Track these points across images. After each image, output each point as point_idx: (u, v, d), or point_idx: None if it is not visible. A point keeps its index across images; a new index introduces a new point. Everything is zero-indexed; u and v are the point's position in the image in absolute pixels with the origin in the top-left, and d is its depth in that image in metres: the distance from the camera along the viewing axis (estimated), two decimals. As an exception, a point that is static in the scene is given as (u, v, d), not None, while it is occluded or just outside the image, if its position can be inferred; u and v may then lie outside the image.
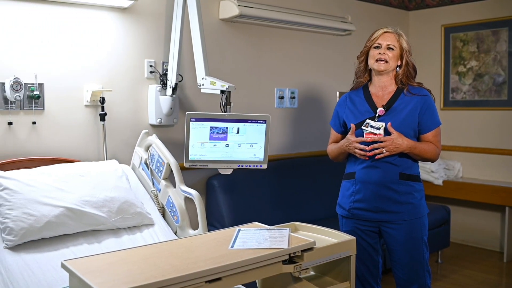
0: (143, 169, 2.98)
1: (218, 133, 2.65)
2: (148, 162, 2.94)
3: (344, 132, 2.82)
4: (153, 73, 3.39)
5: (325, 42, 4.54)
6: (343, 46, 4.69)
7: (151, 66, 3.38)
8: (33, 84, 2.87)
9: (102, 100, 3.10)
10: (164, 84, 3.37)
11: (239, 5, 3.66)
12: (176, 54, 3.25)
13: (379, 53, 2.65)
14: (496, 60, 4.82)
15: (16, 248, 2.27)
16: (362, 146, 2.62)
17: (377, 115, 2.65)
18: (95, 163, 2.81)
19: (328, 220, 3.92)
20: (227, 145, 2.66)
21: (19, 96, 2.76)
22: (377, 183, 2.64)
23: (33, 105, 2.89)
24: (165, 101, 3.34)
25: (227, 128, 2.65)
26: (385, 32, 2.69)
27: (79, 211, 2.43)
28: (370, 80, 2.79)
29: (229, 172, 2.76)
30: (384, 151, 2.57)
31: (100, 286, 1.58)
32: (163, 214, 2.82)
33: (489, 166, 2.60)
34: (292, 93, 4.30)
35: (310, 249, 1.96)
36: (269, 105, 4.16)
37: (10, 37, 2.82)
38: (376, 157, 2.59)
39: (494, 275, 4.31)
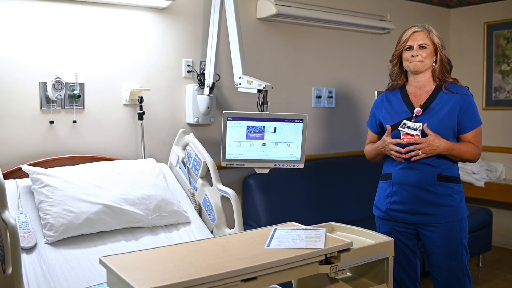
0: (180, 168, 3.01)
1: (255, 132, 2.64)
2: (185, 161, 2.95)
3: (380, 132, 2.78)
4: (191, 73, 3.41)
5: (363, 41, 4.49)
6: (381, 45, 4.62)
7: (188, 65, 3.40)
8: (73, 83, 2.93)
9: (141, 99, 3.14)
10: (201, 84, 3.39)
11: (276, 4, 3.64)
12: (213, 53, 3.26)
13: (412, 55, 2.59)
14: (541, 59, 4.68)
15: (56, 243, 2.32)
16: (397, 148, 2.58)
17: (414, 115, 2.60)
18: (133, 162, 2.84)
19: (365, 221, 3.87)
20: (263, 144, 2.66)
21: (60, 96, 2.82)
22: (415, 185, 2.59)
23: (74, 104, 2.95)
24: (203, 100, 3.36)
25: (264, 127, 2.65)
26: (414, 32, 2.63)
27: (117, 209, 2.46)
28: (406, 80, 2.73)
29: (266, 171, 2.75)
30: (420, 153, 2.51)
31: (137, 282, 1.59)
32: (200, 213, 2.84)
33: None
34: (330, 92, 4.27)
35: (347, 250, 1.93)
36: (307, 104, 4.14)
37: (52, 38, 2.88)
38: (412, 159, 2.54)
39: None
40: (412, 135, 2.54)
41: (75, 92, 2.92)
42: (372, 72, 4.58)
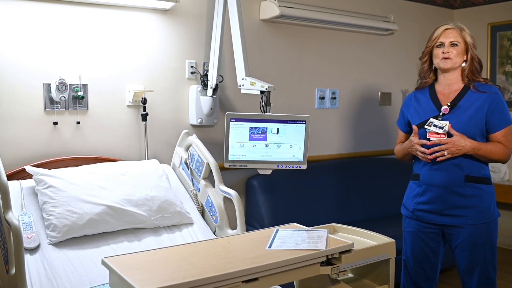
0: (183, 169, 3.02)
1: (257, 133, 2.65)
2: (188, 162, 2.96)
3: (409, 131, 2.77)
4: (194, 74, 3.42)
5: (367, 42, 4.49)
6: (385, 46, 4.62)
7: (192, 67, 3.41)
8: (77, 85, 2.94)
9: (144, 101, 3.15)
10: (204, 85, 3.40)
11: (279, 6, 3.65)
12: (216, 55, 3.27)
13: (443, 52, 2.57)
14: (546, 60, 4.66)
15: (59, 244, 2.33)
16: (422, 149, 2.57)
17: (441, 113, 2.58)
18: (136, 163, 2.86)
19: (368, 222, 3.89)
20: (266, 145, 2.67)
21: (64, 97, 2.83)
22: (442, 185, 2.57)
23: (78, 105, 2.96)
24: (206, 101, 3.37)
25: (266, 128, 2.65)
26: (446, 29, 2.61)
27: (120, 209, 2.48)
28: (436, 79, 2.71)
29: (269, 172, 2.76)
30: (445, 154, 2.50)
31: (139, 283, 1.60)
32: (202, 214, 2.85)
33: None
34: (333, 93, 4.27)
35: (348, 251, 1.93)
36: (310, 105, 4.14)
37: (55, 40, 2.89)
38: (438, 159, 2.52)
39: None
40: (438, 133, 2.52)
41: (79, 93, 2.93)
42: (375, 73, 4.58)
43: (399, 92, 4.79)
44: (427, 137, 2.56)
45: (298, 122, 2.67)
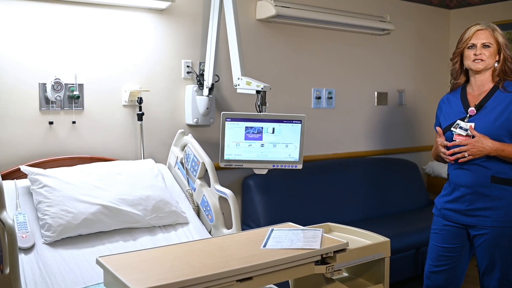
0: (178, 169, 3.02)
1: (253, 133, 2.65)
2: (183, 162, 2.96)
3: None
4: (190, 74, 3.42)
5: (363, 42, 4.49)
6: (381, 46, 4.62)
7: (188, 66, 3.41)
8: (73, 84, 2.94)
9: (140, 100, 3.14)
10: (200, 84, 3.40)
11: (275, 5, 3.65)
12: (212, 54, 3.27)
13: (475, 54, 2.53)
14: (542, 59, 4.67)
15: (54, 244, 2.33)
16: (443, 150, 2.57)
17: (468, 115, 2.56)
18: (131, 162, 2.85)
19: (364, 222, 3.89)
20: (262, 145, 2.67)
21: (60, 96, 2.83)
22: (468, 185, 2.55)
23: (73, 105, 2.96)
24: (202, 101, 3.37)
25: (262, 128, 2.66)
26: (478, 30, 2.56)
27: (115, 209, 2.48)
28: (467, 80, 2.68)
29: (264, 172, 2.76)
30: (466, 155, 2.48)
31: (133, 282, 1.60)
32: (198, 213, 2.85)
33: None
34: (330, 93, 4.27)
35: (343, 250, 1.94)
36: (306, 105, 4.14)
37: (51, 39, 2.89)
38: (459, 160, 2.51)
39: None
40: (463, 135, 2.51)
41: (75, 93, 2.93)
42: (372, 73, 4.59)
43: (396, 92, 4.79)
44: (454, 139, 2.55)
45: (293, 121, 2.67)
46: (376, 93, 4.63)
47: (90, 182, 2.54)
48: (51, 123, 2.90)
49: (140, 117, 3.16)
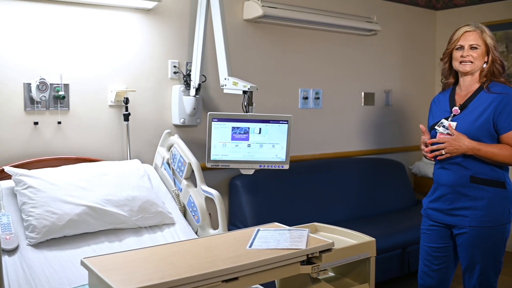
0: (165, 169, 3.00)
1: (240, 133, 2.65)
2: (170, 162, 2.95)
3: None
4: (177, 74, 3.41)
5: (350, 43, 4.50)
6: (368, 47, 4.64)
7: (174, 66, 3.40)
8: (58, 84, 2.92)
9: (126, 101, 3.13)
10: (187, 85, 3.39)
11: (263, 6, 3.65)
12: (199, 54, 3.26)
13: (462, 56, 2.55)
14: (526, 60, 4.71)
15: (38, 245, 2.31)
16: (423, 147, 2.62)
17: (452, 114, 2.59)
18: (117, 163, 2.84)
19: (351, 222, 3.91)
20: (249, 145, 2.66)
21: (45, 97, 2.81)
22: (448, 185, 2.58)
23: (59, 105, 2.94)
24: (189, 101, 3.36)
25: (249, 128, 2.65)
26: (466, 31, 2.57)
27: (101, 210, 2.46)
28: (457, 80, 2.69)
29: (251, 172, 2.76)
30: (443, 153, 2.51)
31: (117, 283, 1.59)
32: (184, 214, 2.84)
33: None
34: (317, 93, 4.28)
35: (329, 250, 1.94)
36: (293, 105, 4.15)
37: (36, 38, 2.87)
38: (438, 158, 2.55)
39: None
40: (445, 134, 2.54)
41: (60, 93, 2.91)
42: (359, 73, 4.60)
43: (382, 92, 4.81)
44: (437, 137, 2.58)
45: (280, 122, 2.67)
46: (363, 93, 4.64)
47: (75, 182, 2.53)
48: (36, 123, 2.87)
49: (126, 117, 3.15)
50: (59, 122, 2.95)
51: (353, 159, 4.54)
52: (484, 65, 2.57)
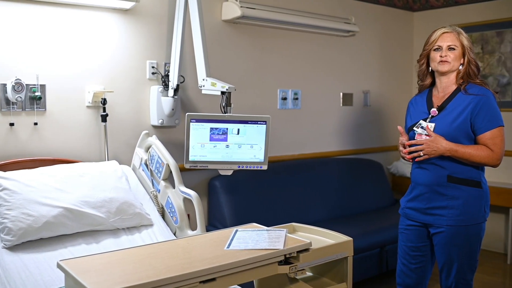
0: (143, 170, 2.99)
1: (218, 134, 2.65)
2: (148, 163, 2.94)
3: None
4: (155, 74, 3.40)
5: (329, 43, 4.53)
6: (346, 47, 4.68)
7: (153, 67, 3.39)
8: (34, 85, 2.89)
9: (104, 101, 3.11)
10: (166, 85, 3.38)
11: (241, 6, 3.66)
12: (177, 55, 3.25)
13: (441, 56, 2.58)
14: (501, 61, 4.79)
15: (14, 248, 2.28)
16: (401, 148, 2.64)
17: (430, 116, 2.61)
18: (95, 164, 2.82)
19: (329, 222, 3.93)
20: (227, 146, 2.66)
21: (21, 97, 2.78)
22: (426, 184, 2.61)
23: (35, 106, 2.91)
24: (167, 102, 3.35)
25: (227, 129, 2.65)
26: (443, 32, 2.60)
27: (78, 212, 2.44)
28: (434, 82, 2.72)
29: (229, 173, 2.76)
30: (421, 154, 2.54)
31: (94, 286, 1.58)
32: (163, 215, 2.83)
33: (492, 168, 2.60)
34: (295, 94, 4.30)
35: (306, 250, 1.95)
36: (272, 106, 4.16)
37: (12, 39, 2.83)
38: (416, 159, 2.58)
39: (498, 277, 4.27)
40: (423, 135, 2.57)
41: (36, 94, 2.88)
42: (337, 74, 4.63)
43: (361, 93, 4.85)
44: (415, 138, 2.60)
45: (258, 122, 2.68)
46: (341, 94, 4.68)
47: (52, 184, 2.50)
48: (11, 124, 2.84)
49: (104, 118, 3.13)
50: (36, 123, 2.92)
51: (332, 159, 4.57)
52: (460, 67, 2.61)
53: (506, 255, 4.68)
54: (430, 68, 2.69)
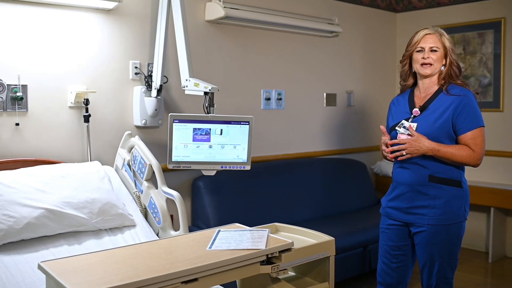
0: (126, 171, 2.98)
1: (201, 134, 2.65)
2: (130, 164, 2.93)
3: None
4: (138, 75, 3.39)
5: (312, 44, 4.55)
6: (330, 48, 4.70)
7: (136, 67, 3.38)
8: (16, 85, 2.87)
9: (86, 102, 3.09)
10: (149, 86, 3.37)
11: (224, 7, 3.66)
12: (161, 55, 3.25)
13: (423, 57, 2.60)
14: (482, 62, 4.84)
15: (-6, 249, 2.26)
16: (384, 148, 2.66)
17: (412, 116, 2.64)
18: (77, 165, 2.80)
19: (313, 222, 3.95)
20: (210, 146, 2.67)
21: (2, 98, 2.76)
22: (407, 183, 2.63)
23: (16, 106, 2.88)
24: (150, 102, 3.34)
25: (210, 129, 2.65)
26: (426, 34, 2.63)
27: (60, 213, 2.42)
28: (416, 82, 2.74)
29: (213, 173, 2.76)
30: (404, 153, 2.56)
31: (75, 287, 1.58)
32: (145, 216, 2.82)
33: (473, 167, 2.64)
34: (279, 94, 4.31)
35: (288, 250, 1.96)
36: (256, 106, 4.17)
37: (-8, 38, 2.81)
38: (398, 158, 2.59)
39: (479, 276, 4.33)
40: (406, 134, 2.59)
41: (18, 94, 2.86)
42: (320, 74, 4.65)
43: (344, 93, 4.88)
44: (398, 137, 2.62)
45: (241, 123, 2.68)
46: (325, 94, 4.70)
47: (34, 185, 2.48)
48: (-8, 125, 2.82)
49: (86, 118, 3.11)
50: (17, 124, 2.90)
51: (316, 159, 4.59)
52: (442, 68, 2.64)
53: (487, 253, 4.74)
54: (412, 69, 2.71)
